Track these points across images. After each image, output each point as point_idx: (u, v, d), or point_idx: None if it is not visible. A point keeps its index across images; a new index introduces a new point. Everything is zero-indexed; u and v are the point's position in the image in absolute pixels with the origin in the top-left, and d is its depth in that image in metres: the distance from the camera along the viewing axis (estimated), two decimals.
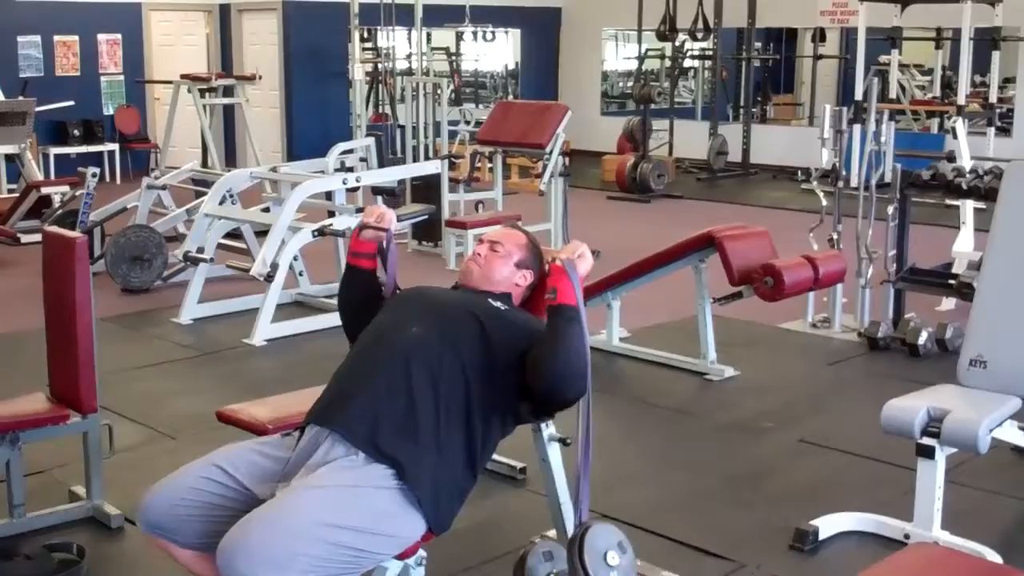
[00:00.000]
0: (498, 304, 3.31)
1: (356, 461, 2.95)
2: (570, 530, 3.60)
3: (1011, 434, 3.99)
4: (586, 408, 3.17)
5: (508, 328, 3.22)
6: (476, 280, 3.44)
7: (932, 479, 3.87)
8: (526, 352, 3.14)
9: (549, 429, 3.55)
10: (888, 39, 13.64)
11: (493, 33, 16.38)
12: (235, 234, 8.34)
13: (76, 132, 14.25)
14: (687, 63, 17.61)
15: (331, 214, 7.56)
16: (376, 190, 7.79)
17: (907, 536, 4.00)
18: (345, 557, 2.81)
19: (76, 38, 14.44)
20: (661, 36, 15.49)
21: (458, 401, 3.07)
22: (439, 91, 11.78)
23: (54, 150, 13.89)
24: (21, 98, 11.80)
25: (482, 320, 3.19)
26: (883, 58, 14.02)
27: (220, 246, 7.92)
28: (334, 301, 7.67)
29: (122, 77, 14.94)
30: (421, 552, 3.08)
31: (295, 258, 7.60)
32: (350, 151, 8.78)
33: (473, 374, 3.10)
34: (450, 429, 3.04)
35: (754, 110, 16.47)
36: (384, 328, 3.25)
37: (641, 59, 15.75)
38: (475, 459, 3.12)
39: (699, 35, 15.35)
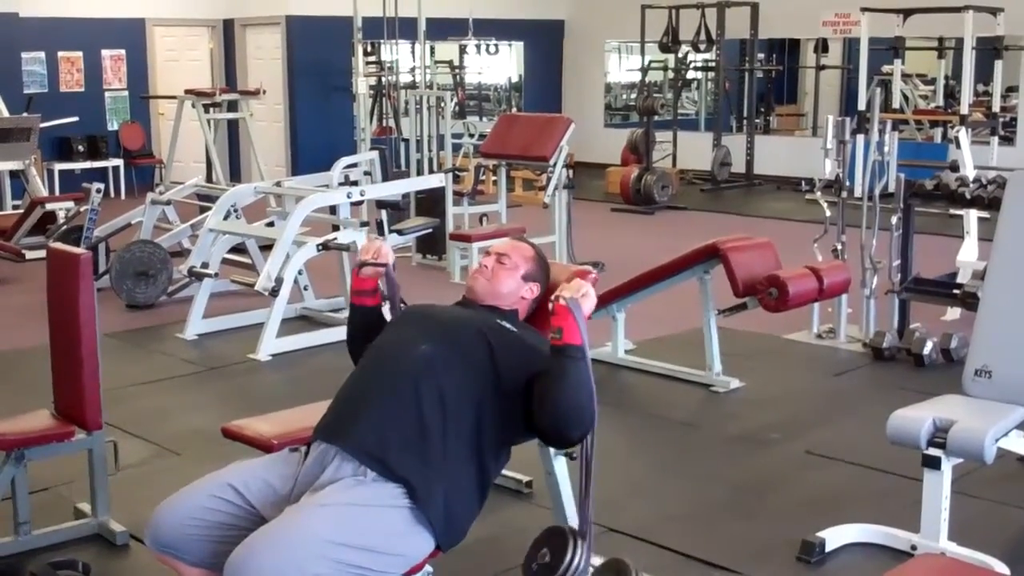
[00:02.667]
0: (507, 324, 3.29)
1: (364, 479, 2.94)
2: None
3: (1017, 444, 3.97)
4: (589, 438, 3.14)
5: (518, 351, 3.20)
6: (483, 294, 3.43)
7: (938, 490, 3.86)
8: (535, 377, 3.12)
9: None
10: (891, 49, 13.65)
11: (496, 46, 16.41)
12: (240, 249, 8.36)
13: (80, 148, 14.27)
14: (690, 75, 17.62)
15: (336, 228, 7.56)
16: (380, 204, 7.79)
17: (914, 547, 3.99)
18: (352, 575, 2.80)
19: (80, 54, 14.48)
20: (664, 48, 15.54)
21: (467, 419, 3.06)
22: (443, 104, 11.81)
23: (59, 166, 13.92)
24: (26, 114, 11.83)
25: (491, 340, 3.17)
26: (886, 68, 14.02)
27: (225, 261, 7.93)
28: (339, 315, 7.73)
29: (126, 93, 14.98)
30: (428, 568, 3.08)
31: (300, 272, 7.60)
32: (354, 165, 8.79)
33: (482, 392, 3.09)
34: (459, 447, 3.04)
35: (757, 121, 16.47)
36: (391, 345, 3.24)
37: (644, 71, 15.81)
38: (485, 476, 3.12)
39: (702, 47, 15.40)
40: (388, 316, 3.55)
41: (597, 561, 3.33)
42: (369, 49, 13.86)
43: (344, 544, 2.78)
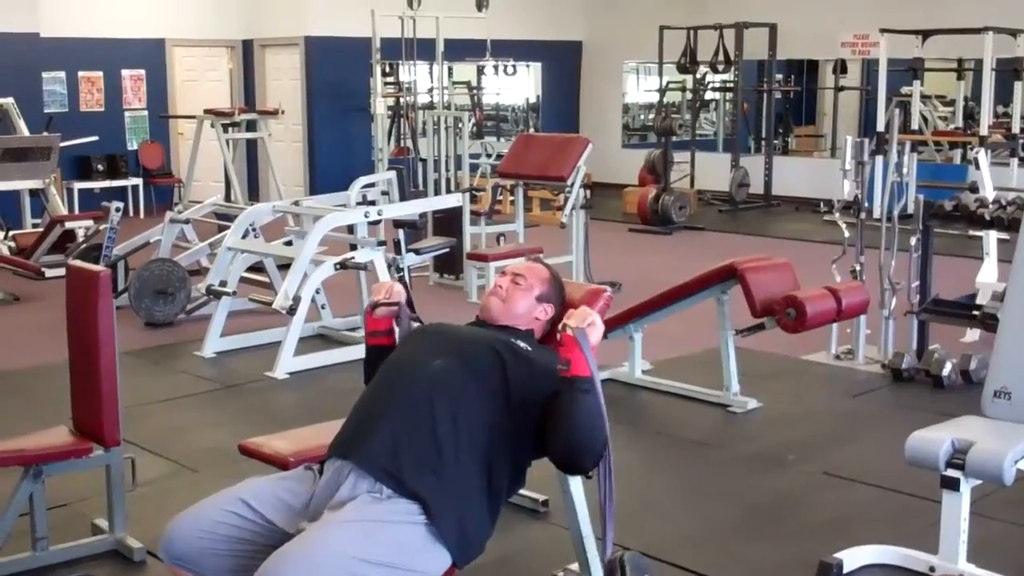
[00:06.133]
0: (521, 343, 3.29)
1: (381, 496, 2.94)
2: (594, 563, 3.59)
3: None
4: (607, 454, 3.14)
5: (532, 373, 3.19)
6: (497, 314, 3.43)
7: (957, 511, 3.84)
8: (548, 399, 3.11)
9: None
10: (910, 70, 13.65)
11: (514, 67, 16.45)
12: (258, 267, 8.37)
13: (100, 167, 14.35)
14: (708, 95, 17.63)
15: (353, 247, 7.58)
16: (397, 223, 7.79)
17: (932, 569, 3.96)
18: None
19: (100, 74, 14.57)
20: (682, 69, 15.57)
21: (480, 436, 3.05)
22: (460, 124, 11.84)
23: (78, 185, 13.99)
24: (46, 133, 11.88)
25: (505, 359, 3.17)
26: (905, 89, 13.99)
27: (243, 279, 7.96)
28: (356, 334, 7.74)
29: (146, 112, 15.06)
30: None
31: (317, 291, 7.62)
32: (372, 185, 8.82)
33: (494, 409, 3.09)
34: (472, 463, 3.03)
35: (776, 142, 16.44)
36: (405, 362, 3.24)
37: (662, 91, 15.81)
38: (496, 494, 3.12)
39: (720, 67, 15.41)
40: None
41: None
42: (387, 70, 13.93)
43: (364, 560, 2.78)
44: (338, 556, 2.75)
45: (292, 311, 6.93)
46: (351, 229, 7.75)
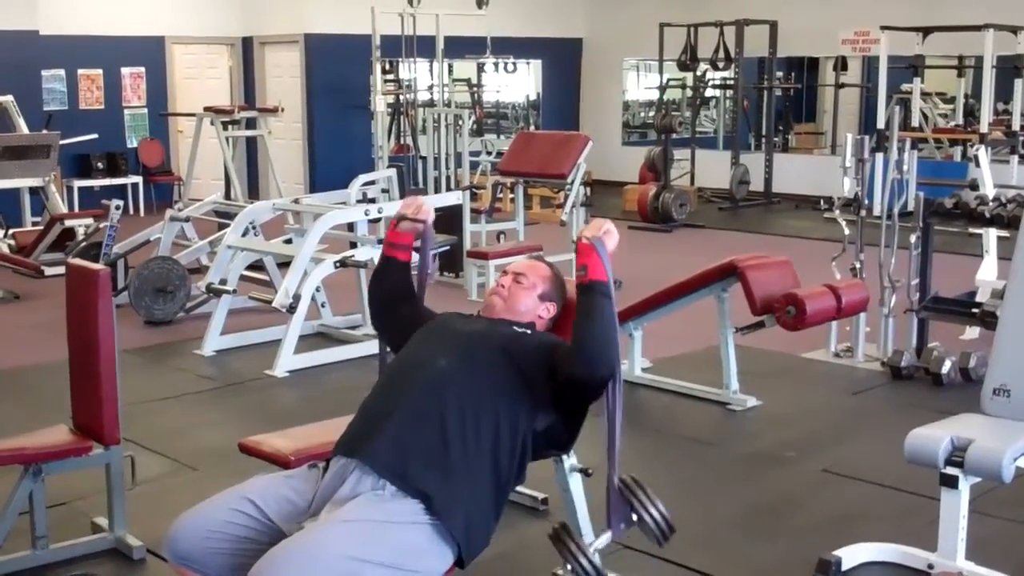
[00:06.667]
0: (521, 330, 3.32)
1: (384, 495, 2.94)
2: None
3: None
4: (612, 389, 3.16)
5: (532, 348, 3.23)
6: (499, 312, 3.44)
7: (956, 509, 3.84)
8: (552, 366, 3.15)
9: (570, 460, 3.54)
10: (910, 67, 13.66)
11: (514, 64, 16.45)
12: (257, 266, 8.38)
13: (100, 165, 14.34)
14: (708, 93, 17.62)
15: (353, 245, 7.58)
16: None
17: (931, 566, 3.97)
18: None
19: (100, 72, 14.57)
20: (682, 66, 15.56)
21: (486, 431, 3.06)
22: (460, 122, 11.83)
23: (78, 183, 14.00)
24: (45, 131, 11.88)
25: (507, 347, 3.20)
26: (905, 86, 14.00)
27: (243, 278, 7.96)
28: (357, 332, 7.75)
29: (145, 110, 15.06)
30: None
31: (317, 289, 7.62)
32: (372, 182, 8.83)
33: (502, 404, 3.10)
34: (480, 460, 3.04)
35: (776, 139, 16.44)
36: (411, 360, 3.27)
37: (662, 89, 15.80)
38: (502, 490, 3.13)
39: (720, 65, 15.41)
40: (416, 274, 3.61)
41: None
42: (387, 67, 13.92)
43: (362, 560, 2.78)
44: (336, 555, 2.74)
45: (292, 309, 6.94)
46: (351, 227, 7.75)
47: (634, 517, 3.13)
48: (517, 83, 17.65)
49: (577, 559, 3.06)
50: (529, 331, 3.35)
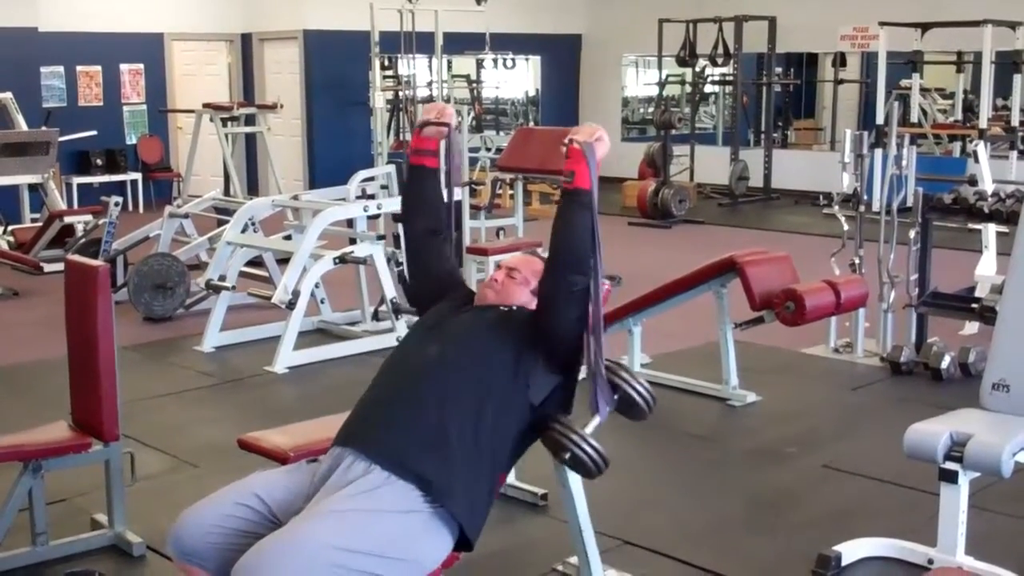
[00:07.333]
0: (506, 309, 3.34)
1: (375, 481, 2.91)
2: (593, 556, 3.58)
3: None
4: (596, 276, 3.18)
5: (519, 319, 3.27)
6: (490, 303, 3.43)
7: (955, 504, 3.84)
8: (536, 322, 3.22)
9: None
10: (909, 63, 13.65)
11: (513, 60, 16.43)
12: (257, 262, 8.37)
13: (99, 161, 14.33)
14: (707, 89, 17.62)
15: (352, 242, 7.58)
16: (397, 217, 7.79)
17: (931, 561, 3.97)
18: None
19: (99, 68, 14.55)
20: (681, 62, 15.55)
21: (486, 414, 3.05)
22: (460, 118, 11.80)
23: (77, 179, 13.99)
24: (44, 128, 11.87)
25: (495, 325, 3.23)
26: (904, 82, 13.99)
27: (242, 274, 7.95)
28: (356, 328, 7.74)
29: (144, 107, 15.05)
30: None
31: (317, 285, 7.62)
32: (371, 179, 8.80)
33: (495, 384, 3.11)
34: (476, 441, 3.03)
35: (775, 135, 16.44)
36: (405, 355, 3.28)
37: (662, 85, 15.79)
38: (498, 471, 3.14)
39: (719, 60, 15.42)
40: (444, 182, 3.63)
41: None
42: (386, 63, 13.89)
43: (350, 550, 2.76)
44: (323, 546, 2.72)
45: (291, 305, 6.94)
46: (350, 223, 7.75)
47: (615, 397, 3.30)
48: (516, 79, 17.62)
49: (580, 445, 3.16)
50: (514, 307, 3.35)
